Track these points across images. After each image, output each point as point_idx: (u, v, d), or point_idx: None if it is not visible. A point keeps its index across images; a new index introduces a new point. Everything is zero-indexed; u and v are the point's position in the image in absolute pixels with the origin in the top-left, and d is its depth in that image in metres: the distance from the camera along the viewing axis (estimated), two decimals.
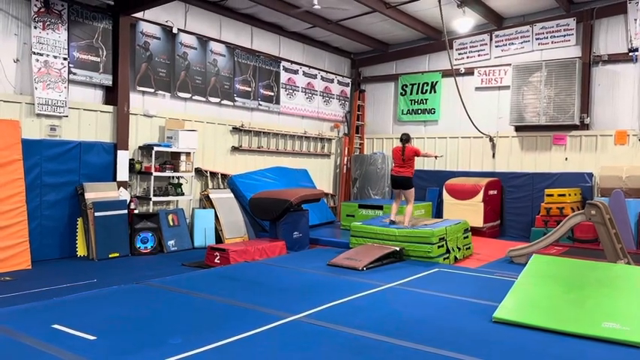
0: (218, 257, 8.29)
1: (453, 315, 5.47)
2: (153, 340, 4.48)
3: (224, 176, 11.20)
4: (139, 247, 9.19)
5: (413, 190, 9.35)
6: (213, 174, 11.08)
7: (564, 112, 11.38)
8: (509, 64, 12.21)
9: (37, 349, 4.21)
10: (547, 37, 11.89)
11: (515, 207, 12.17)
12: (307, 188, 11.65)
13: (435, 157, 10.20)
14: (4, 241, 7.53)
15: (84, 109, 8.97)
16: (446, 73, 13.17)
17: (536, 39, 12.02)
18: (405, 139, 9.34)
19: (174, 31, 10.19)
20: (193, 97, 10.65)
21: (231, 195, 10.91)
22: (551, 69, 11.52)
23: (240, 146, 11.69)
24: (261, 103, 12.18)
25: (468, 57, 13.03)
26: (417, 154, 9.28)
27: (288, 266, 7.89)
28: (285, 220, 9.42)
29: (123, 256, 8.85)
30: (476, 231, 10.90)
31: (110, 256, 8.69)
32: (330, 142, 14.45)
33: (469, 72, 12.96)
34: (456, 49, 13.13)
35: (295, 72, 13.15)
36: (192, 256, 9.07)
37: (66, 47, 8.59)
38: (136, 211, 9.32)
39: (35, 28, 8.23)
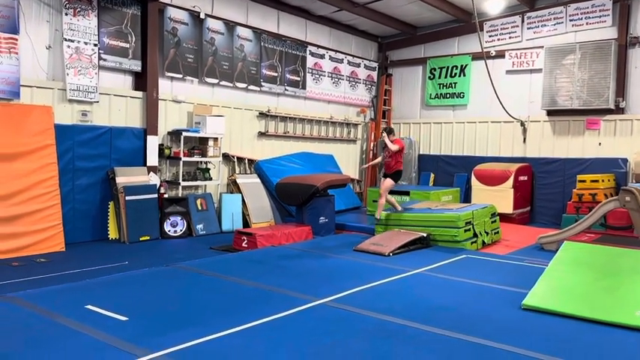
0: (245, 241, 8.37)
1: (482, 302, 5.42)
2: (183, 322, 4.57)
3: (251, 161, 11.26)
4: (169, 231, 9.35)
5: None
6: (240, 159, 11.16)
7: (598, 96, 11.05)
8: (542, 47, 11.88)
9: (71, 328, 4.34)
10: (581, 19, 11.51)
11: (546, 193, 11.94)
12: (333, 174, 11.62)
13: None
14: (38, 223, 7.75)
15: (114, 95, 9.10)
16: (476, 56, 12.91)
17: (570, 20, 11.65)
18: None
19: (202, 16, 10.22)
20: (221, 83, 10.70)
21: (258, 180, 10.98)
22: (585, 51, 11.18)
23: (267, 131, 11.72)
24: (287, 88, 12.16)
25: (498, 39, 12.73)
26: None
27: (315, 251, 7.93)
28: (312, 206, 9.44)
29: (153, 239, 9.01)
30: (505, 217, 10.75)
31: (141, 239, 8.86)
32: (356, 128, 14.37)
33: (500, 55, 12.67)
34: (487, 32, 12.83)
35: (322, 56, 13.07)
36: (220, 240, 9.19)
37: (96, 33, 8.71)
38: (165, 196, 9.47)
39: (66, 14, 8.36)
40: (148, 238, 8.95)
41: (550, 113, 12.00)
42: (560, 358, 3.94)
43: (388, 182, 9.17)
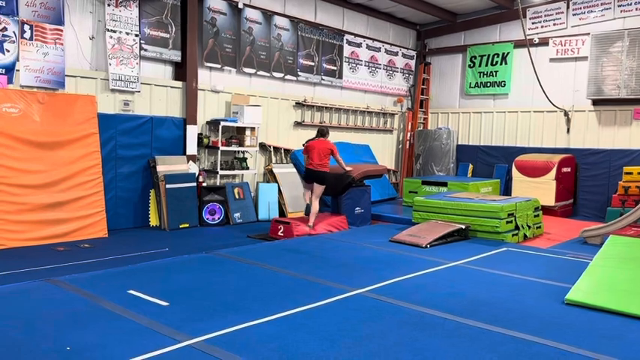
0: (282, 230, 8.42)
1: (523, 296, 5.30)
2: (221, 308, 4.63)
3: (287, 151, 11.30)
4: (207, 219, 9.49)
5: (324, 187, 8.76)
6: (277, 149, 11.21)
7: None
8: (588, 34, 11.45)
9: (114, 312, 4.46)
10: (631, 4, 11.01)
11: (590, 185, 11.56)
12: (369, 164, 11.56)
13: (344, 169, 9.01)
14: (82, 210, 7.99)
15: (155, 85, 9.26)
16: (518, 44, 12.55)
17: (619, 6, 11.17)
18: (322, 132, 8.79)
19: (240, 6, 10.25)
20: (258, 73, 10.74)
21: (294, 170, 10.98)
22: (634, 38, 10.73)
23: (303, 121, 11.72)
24: (324, 77, 12.11)
25: (542, 26, 12.32)
26: (333, 152, 8.65)
27: (350, 241, 7.91)
28: (347, 196, 9.41)
29: (192, 226, 9.17)
30: (547, 210, 10.47)
31: (180, 226, 9.02)
32: (392, 117, 14.22)
33: (543, 42, 12.27)
34: (530, 18, 12.44)
35: (359, 45, 12.95)
36: (256, 229, 9.28)
37: (137, 24, 8.85)
38: (204, 184, 9.61)
39: (109, 5, 8.52)
40: (187, 225, 9.11)
41: (596, 103, 11.57)
42: (606, 356, 3.81)
43: (318, 188, 8.66)
